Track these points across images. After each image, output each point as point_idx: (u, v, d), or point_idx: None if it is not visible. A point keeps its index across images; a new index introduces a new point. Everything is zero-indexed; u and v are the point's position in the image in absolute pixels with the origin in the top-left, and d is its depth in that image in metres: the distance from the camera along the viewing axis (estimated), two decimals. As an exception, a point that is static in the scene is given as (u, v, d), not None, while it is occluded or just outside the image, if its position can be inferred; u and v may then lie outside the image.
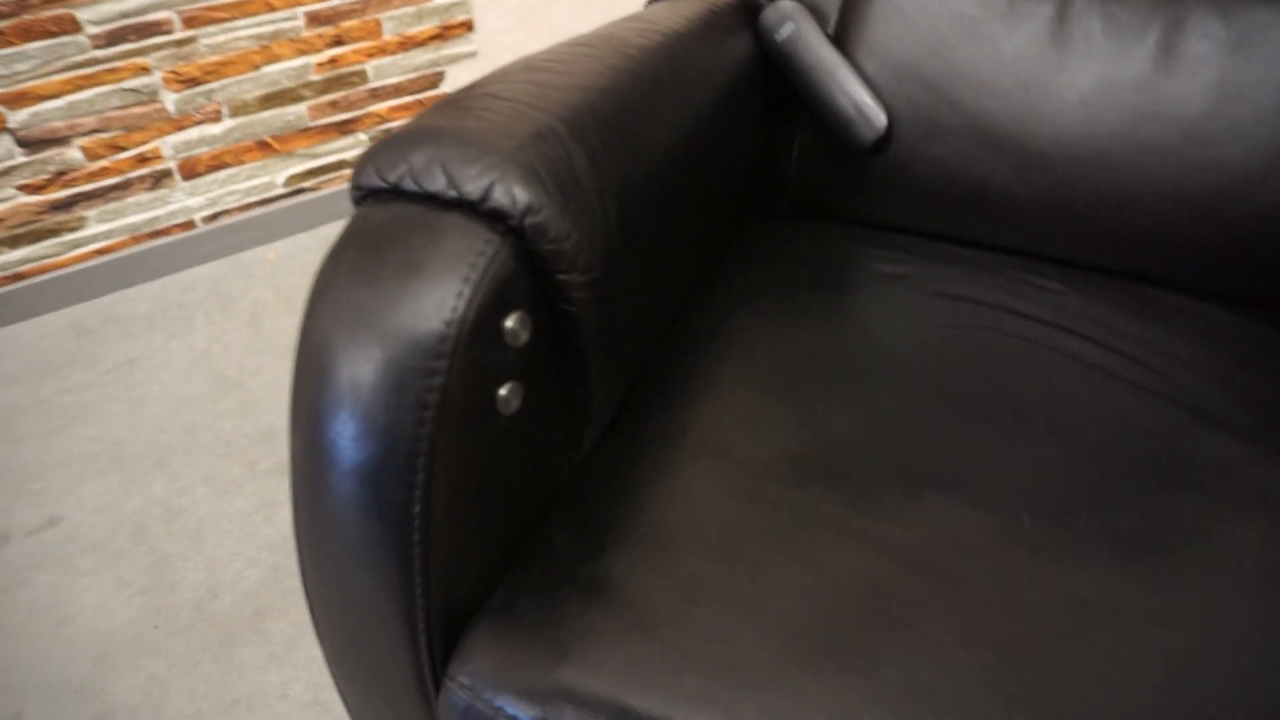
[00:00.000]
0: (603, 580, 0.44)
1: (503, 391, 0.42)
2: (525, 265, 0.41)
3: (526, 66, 0.49)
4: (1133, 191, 0.65)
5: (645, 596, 0.43)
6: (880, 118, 0.68)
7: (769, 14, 0.68)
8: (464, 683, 0.41)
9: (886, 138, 0.69)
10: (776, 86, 0.71)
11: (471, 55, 1.52)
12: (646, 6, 0.73)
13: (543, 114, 0.44)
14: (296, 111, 1.37)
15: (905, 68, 0.69)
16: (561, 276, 0.42)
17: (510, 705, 0.40)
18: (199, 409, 1.19)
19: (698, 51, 0.63)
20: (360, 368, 0.38)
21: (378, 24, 1.38)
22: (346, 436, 0.38)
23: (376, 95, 1.45)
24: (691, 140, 0.58)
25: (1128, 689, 0.39)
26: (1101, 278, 0.66)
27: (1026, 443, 0.51)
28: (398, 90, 1.47)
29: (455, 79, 1.52)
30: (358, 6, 1.34)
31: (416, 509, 0.40)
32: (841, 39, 0.71)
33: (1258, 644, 0.40)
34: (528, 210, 0.39)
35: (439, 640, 0.43)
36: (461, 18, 1.46)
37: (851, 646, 0.40)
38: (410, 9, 1.39)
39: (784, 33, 0.68)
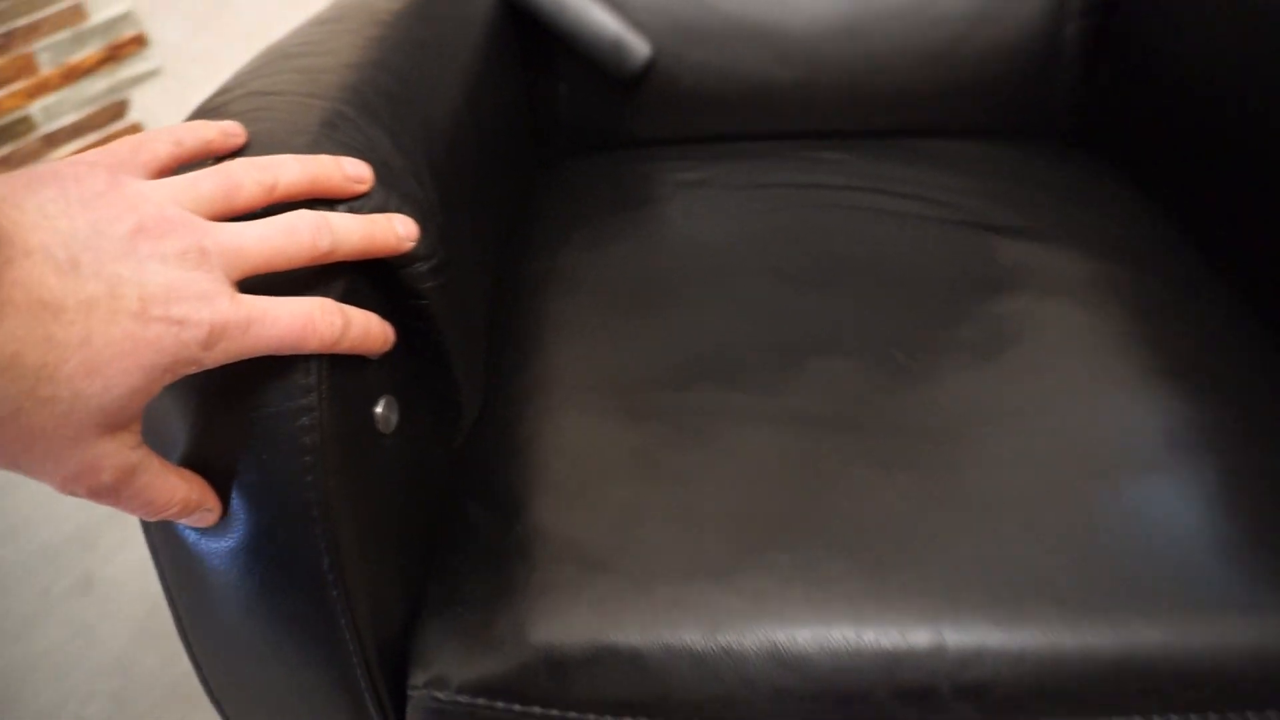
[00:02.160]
0: (536, 536, 0.42)
1: (379, 409, 0.38)
2: (364, 268, 0.37)
3: (281, 55, 0.44)
4: (883, 55, 0.69)
5: (585, 537, 0.41)
6: (642, 47, 0.67)
7: (500, -43, 0.65)
8: (431, 691, 0.38)
9: (651, 55, 0.69)
10: (528, 28, 0.68)
11: (154, 74, 1.35)
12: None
13: (324, 100, 0.40)
14: (-41, 181, 1.16)
15: (651, -16, 0.69)
16: (405, 270, 0.38)
17: (486, 693, 0.37)
18: (-44, 550, 1.01)
19: (446, 6, 0.59)
20: (216, 429, 0.33)
21: (30, 58, 1.18)
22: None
23: (53, 141, 1.25)
24: (469, 99, 0.55)
25: (1039, 466, 0.43)
26: (874, 140, 0.71)
27: (867, 292, 0.54)
28: (78, 130, 1.28)
29: (142, 104, 1.35)
30: (-2, 42, 1.14)
31: (325, 564, 0.35)
32: (578, -33, 0.69)
33: (1127, 402, 0.45)
34: (352, 209, 0.35)
35: (386, 676, 0.39)
36: (130, 33, 1.29)
37: (802, 514, 0.41)
38: (65, 33, 1.20)
39: (521, -25, 0.65)
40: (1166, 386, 0.47)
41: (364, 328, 0.34)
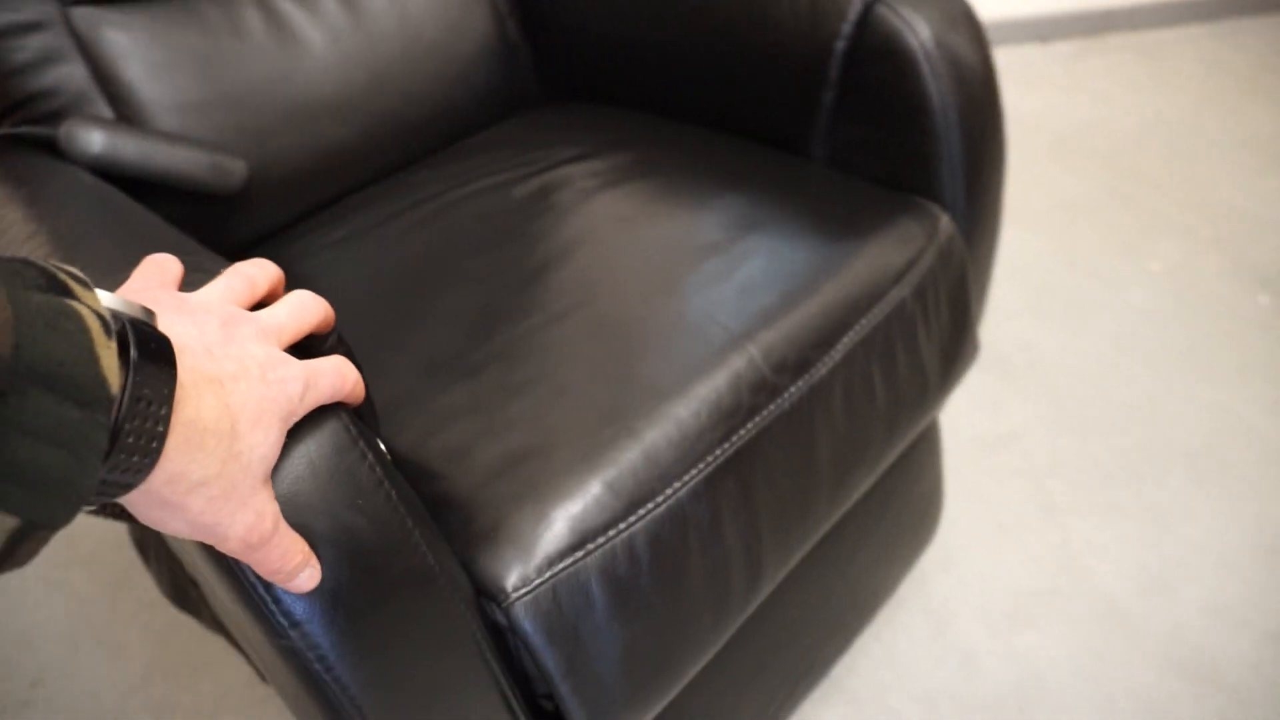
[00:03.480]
0: (486, 472, 0.54)
1: (381, 445, 0.47)
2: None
3: (53, 238, 0.47)
4: (407, 91, 0.87)
5: (513, 446, 0.55)
6: (238, 165, 0.75)
7: (70, 140, 0.68)
8: (521, 590, 0.49)
9: (246, 165, 0.77)
10: (130, 183, 0.72)
11: None
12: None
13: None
14: None
15: (204, 106, 0.77)
16: (326, 337, 0.46)
17: (549, 565, 0.50)
18: None
19: (63, 192, 0.62)
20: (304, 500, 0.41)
21: None
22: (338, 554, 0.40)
23: None
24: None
25: (672, 275, 0.66)
26: (437, 154, 0.89)
27: (520, 238, 0.72)
28: None
29: None
30: None
31: (430, 560, 0.45)
32: (130, 114, 0.74)
33: (693, 220, 0.72)
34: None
35: (485, 621, 0.50)
36: None
37: (623, 371, 0.59)
38: None
39: (96, 146, 0.68)
40: (710, 204, 0.73)
41: (358, 376, 0.43)
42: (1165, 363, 1.31)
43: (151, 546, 0.76)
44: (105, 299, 0.29)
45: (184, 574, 0.70)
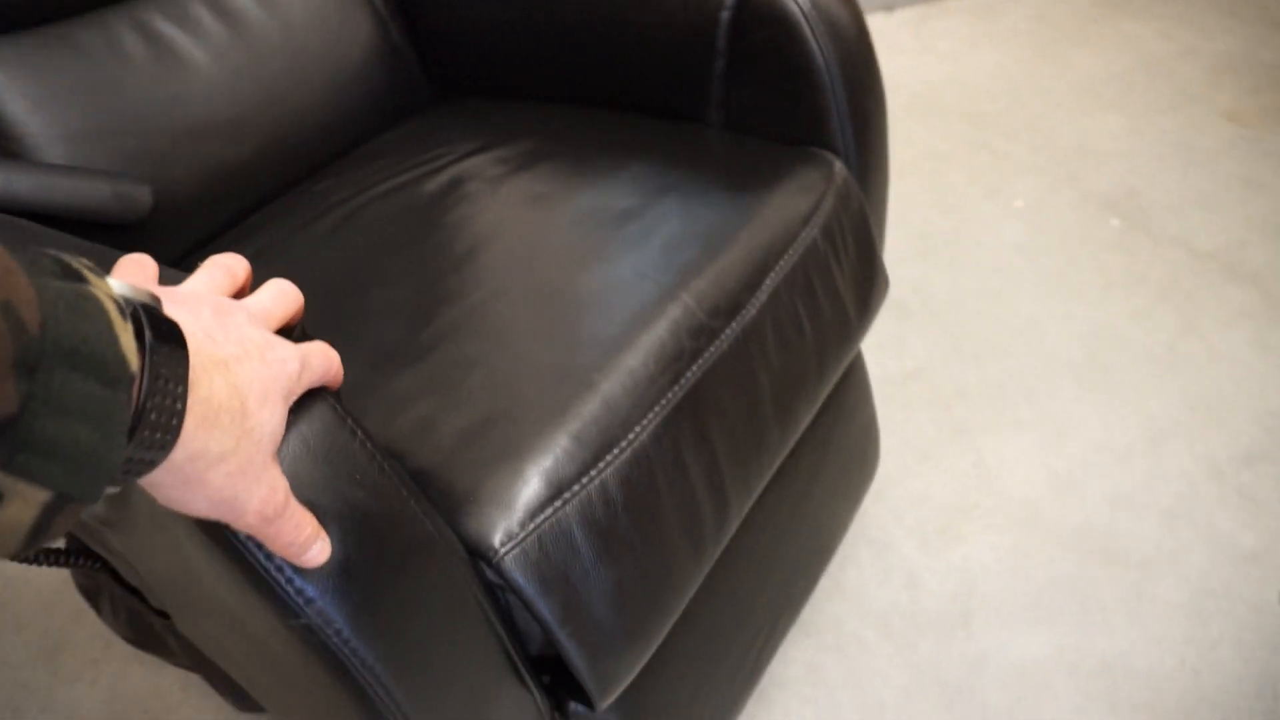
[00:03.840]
0: (453, 440, 0.56)
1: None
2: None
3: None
4: (299, 108, 0.87)
5: (478, 415, 0.57)
6: (142, 191, 0.74)
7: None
8: (509, 543, 0.51)
9: (152, 191, 0.76)
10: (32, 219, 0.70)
11: None
12: None
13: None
14: None
15: (95, 135, 0.75)
16: (295, 326, 0.47)
17: (531, 515, 0.53)
18: None
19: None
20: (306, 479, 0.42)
21: None
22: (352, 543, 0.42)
23: None
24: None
25: (591, 246, 0.70)
26: (338, 162, 0.89)
27: (423, 234, 0.74)
28: None
29: None
30: None
31: (429, 527, 0.47)
32: (17, 149, 0.72)
33: (604, 195, 0.75)
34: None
35: (481, 576, 0.51)
36: None
37: (571, 341, 0.62)
38: None
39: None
40: (619, 175, 0.77)
41: (340, 360, 0.44)
42: (1040, 288, 1.42)
43: (105, 590, 0.73)
44: (115, 286, 0.30)
45: (146, 608, 0.68)
